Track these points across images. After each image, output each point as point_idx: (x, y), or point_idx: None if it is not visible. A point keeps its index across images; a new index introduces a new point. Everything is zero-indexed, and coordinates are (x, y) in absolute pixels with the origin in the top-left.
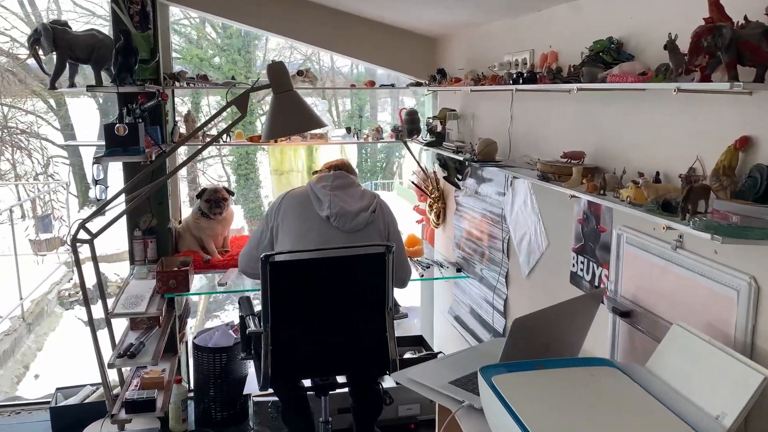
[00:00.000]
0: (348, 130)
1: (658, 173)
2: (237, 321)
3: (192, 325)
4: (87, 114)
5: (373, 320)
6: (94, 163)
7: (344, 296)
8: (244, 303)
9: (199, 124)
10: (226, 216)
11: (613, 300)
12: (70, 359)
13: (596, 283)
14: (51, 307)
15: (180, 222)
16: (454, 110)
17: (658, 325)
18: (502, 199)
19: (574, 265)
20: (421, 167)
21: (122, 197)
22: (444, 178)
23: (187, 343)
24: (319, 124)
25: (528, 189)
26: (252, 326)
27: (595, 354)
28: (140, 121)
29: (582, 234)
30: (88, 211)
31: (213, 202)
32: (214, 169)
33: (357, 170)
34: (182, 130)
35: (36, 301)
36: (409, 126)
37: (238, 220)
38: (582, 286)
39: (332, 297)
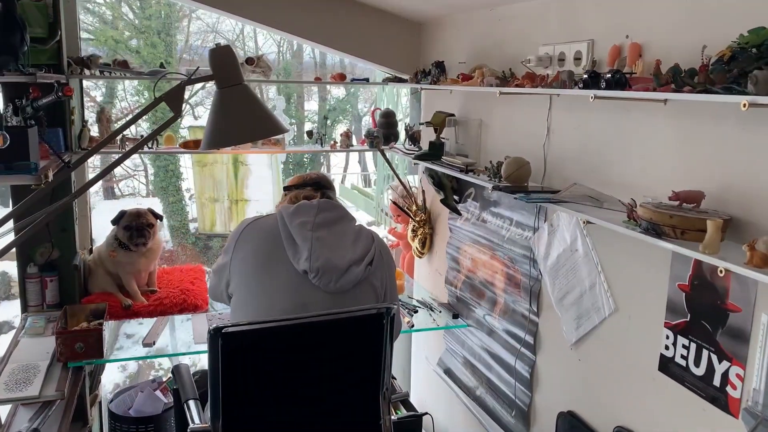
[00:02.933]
0: (309, 134)
1: None
2: (166, 377)
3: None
4: None
5: (365, 405)
6: None
7: (325, 376)
8: (181, 376)
9: (116, 124)
10: (152, 246)
11: (766, 421)
12: None
13: (716, 383)
14: None
15: (91, 251)
16: (453, 115)
17: None
18: (527, 234)
19: (668, 348)
20: (401, 182)
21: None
22: (441, 201)
23: (100, 405)
24: (280, 129)
25: (578, 227)
26: (196, 419)
27: None
28: (32, 123)
29: (687, 307)
30: None
31: (135, 229)
32: (130, 159)
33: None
34: (94, 131)
35: None
36: (385, 131)
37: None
38: (685, 381)
39: (309, 378)
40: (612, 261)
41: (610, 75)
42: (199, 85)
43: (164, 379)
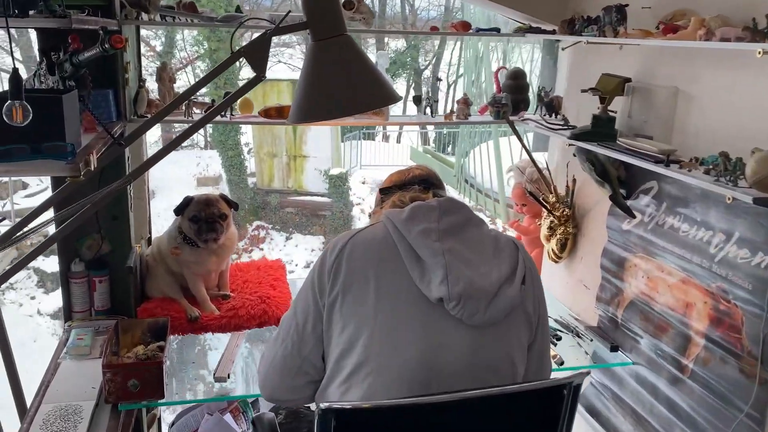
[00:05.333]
0: (417, 100)
1: None
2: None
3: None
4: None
5: None
6: None
7: None
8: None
9: (178, 85)
10: (224, 242)
11: None
12: None
13: None
14: None
15: (150, 242)
16: (629, 80)
17: None
18: (760, 259)
19: None
20: (535, 165)
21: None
22: (611, 198)
23: (159, 424)
24: (393, 96)
25: None
26: None
27: None
28: (71, 85)
29: None
30: None
31: (204, 221)
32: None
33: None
34: (154, 93)
35: None
36: (515, 96)
37: (214, 167)
38: None
39: None
40: None
41: None
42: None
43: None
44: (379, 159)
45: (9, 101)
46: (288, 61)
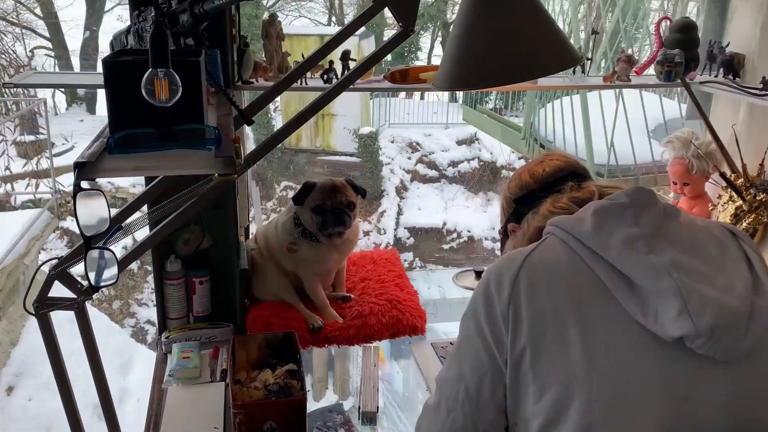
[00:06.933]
0: None
1: None
2: None
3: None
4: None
5: None
6: (78, 190)
7: None
8: None
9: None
10: (348, 236)
11: None
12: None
13: None
14: (29, 275)
15: (247, 233)
16: None
17: None
18: None
19: None
20: (715, 136)
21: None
22: None
23: None
24: (576, 56)
25: None
26: None
27: None
28: (187, 44)
29: None
30: (77, 113)
31: (330, 212)
32: None
33: None
34: (259, 54)
35: (8, 271)
36: (687, 52)
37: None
38: None
39: None
40: None
41: None
42: None
43: None
44: (407, 117)
45: (151, 69)
46: (308, 15)
